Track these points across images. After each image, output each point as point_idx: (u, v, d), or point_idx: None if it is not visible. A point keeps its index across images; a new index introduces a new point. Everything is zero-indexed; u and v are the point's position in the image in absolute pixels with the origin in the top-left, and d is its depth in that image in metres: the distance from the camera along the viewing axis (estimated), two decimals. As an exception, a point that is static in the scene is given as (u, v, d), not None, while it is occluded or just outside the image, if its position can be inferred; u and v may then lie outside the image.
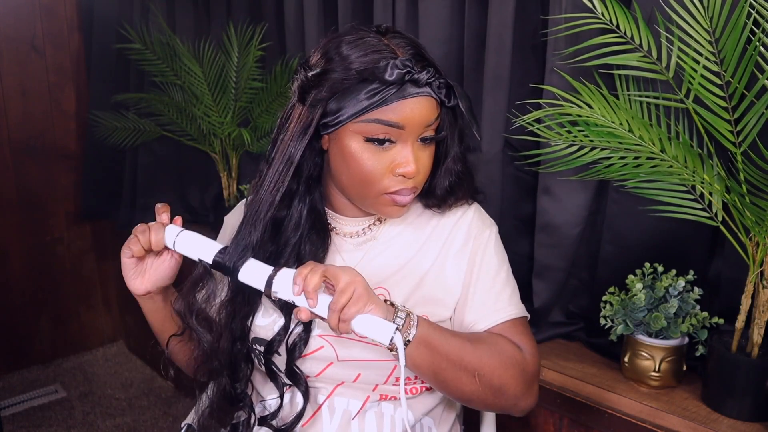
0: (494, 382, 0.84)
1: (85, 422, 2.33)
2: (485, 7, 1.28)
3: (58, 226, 2.68)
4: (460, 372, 0.83)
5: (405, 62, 0.79)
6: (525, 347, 0.90)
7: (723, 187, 1.01)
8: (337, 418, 0.92)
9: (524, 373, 0.87)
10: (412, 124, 0.82)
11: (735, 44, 0.94)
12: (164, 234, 0.88)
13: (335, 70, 0.81)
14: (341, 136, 0.84)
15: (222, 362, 0.91)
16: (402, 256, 0.94)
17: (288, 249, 0.89)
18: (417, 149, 0.84)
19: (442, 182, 0.92)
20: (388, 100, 0.79)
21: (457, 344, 0.83)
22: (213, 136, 2.06)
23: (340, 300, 0.75)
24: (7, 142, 2.48)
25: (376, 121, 0.81)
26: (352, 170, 0.84)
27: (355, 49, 0.81)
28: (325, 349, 0.90)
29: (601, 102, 1.06)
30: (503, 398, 0.87)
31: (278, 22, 1.90)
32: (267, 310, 0.93)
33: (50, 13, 2.51)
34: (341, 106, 0.81)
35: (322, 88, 0.82)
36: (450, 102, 0.84)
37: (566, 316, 1.35)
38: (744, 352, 1.04)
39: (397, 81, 0.79)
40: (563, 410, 1.20)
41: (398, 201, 0.86)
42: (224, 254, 0.84)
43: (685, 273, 1.11)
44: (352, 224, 0.96)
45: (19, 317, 2.62)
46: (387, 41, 0.82)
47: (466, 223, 0.95)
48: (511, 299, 0.94)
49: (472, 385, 0.84)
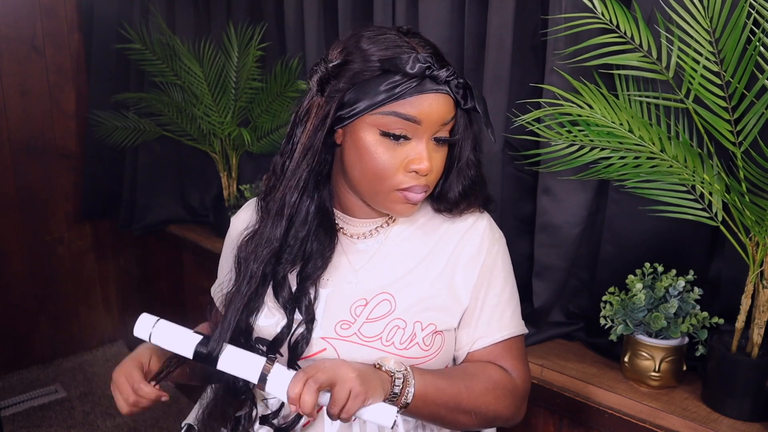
0: (489, 415, 0.89)
1: (85, 422, 2.33)
2: (485, 7, 1.28)
3: (58, 226, 2.68)
4: (457, 414, 0.87)
5: (426, 58, 0.80)
6: (516, 370, 0.93)
7: (723, 187, 1.01)
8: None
9: (515, 398, 0.92)
10: (428, 120, 0.82)
11: (735, 44, 0.94)
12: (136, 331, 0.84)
13: (355, 61, 0.82)
14: (357, 128, 0.84)
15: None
16: (409, 261, 0.93)
17: (297, 245, 0.89)
18: (431, 148, 0.84)
19: (455, 187, 0.92)
20: (407, 93, 0.80)
21: (453, 391, 0.86)
22: (213, 136, 2.06)
23: (338, 404, 0.76)
24: (7, 142, 2.48)
25: (393, 113, 0.81)
26: (366, 164, 0.84)
27: (376, 43, 0.82)
28: (327, 352, 0.89)
29: (601, 102, 1.06)
30: (497, 423, 0.93)
31: (278, 22, 1.90)
32: (270, 311, 0.92)
33: (50, 13, 2.51)
34: (359, 98, 0.81)
35: (341, 80, 0.82)
36: (467, 104, 0.84)
37: (566, 316, 1.35)
38: (744, 352, 1.04)
39: (418, 74, 0.79)
40: (563, 410, 1.20)
41: (410, 198, 0.85)
42: (205, 345, 0.81)
43: (685, 273, 1.11)
44: (361, 226, 0.95)
45: (19, 317, 2.62)
46: (407, 39, 0.83)
47: (478, 234, 0.94)
48: (513, 316, 0.95)
49: (470, 422, 0.89)
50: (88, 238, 2.78)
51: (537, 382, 1.24)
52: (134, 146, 2.35)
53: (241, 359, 0.81)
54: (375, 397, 0.78)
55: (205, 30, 2.14)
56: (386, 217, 0.95)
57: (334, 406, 0.76)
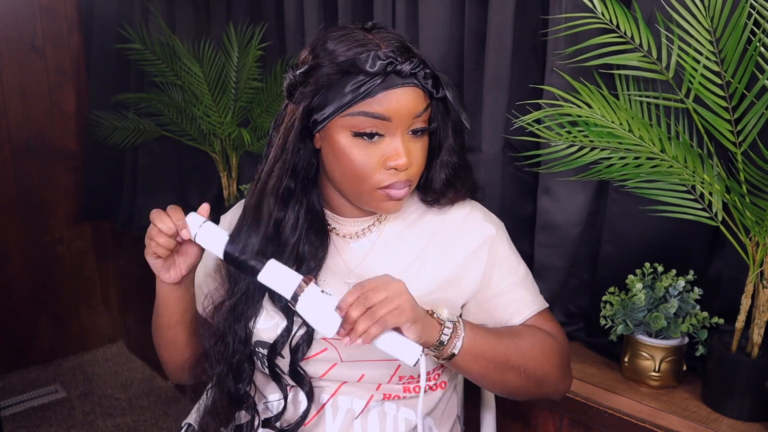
0: (538, 374, 0.88)
1: (85, 422, 2.33)
2: (485, 7, 1.28)
3: (58, 226, 2.68)
4: (506, 372, 0.86)
5: (388, 53, 0.78)
6: (557, 334, 0.94)
7: (723, 187, 1.01)
8: (341, 418, 0.91)
9: (562, 357, 0.91)
10: (398, 116, 0.81)
11: (735, 44, 0.94)
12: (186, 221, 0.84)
13: (321, 65, 0.81)
14: (330, 132, 0.83)
15: (225, 364, 0.91)
16: (404, 258, 0.93)
17: (288, 249, 0.89)
18: (408, 141, 0.84)
19: (439, 175, 0.91)
20: (373, 92, 0.79)
21: (502, 347, 0.85)
22: (213, 136, 2.06)
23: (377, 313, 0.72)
24: (7, 142, 2.48)
25: (361, 113, 0.80)
26: (344, 167, 0.84)
27: (341, 43, 0.81)
28: (328, 351, 0.89)
29: (601, 102, 1.06)
30: (546, 386, 0.91)
31: (278, 22, 1.90)
32: (269, 313, 0.92)
33: (50, 13, 2.51)
34: (327, 101, 0.81)
35: (308, 85, 0.82)
36: (438, 93, 0.83)
37: (566, 316, 1.35)
38: (744, 352, 1.04)
39: (380, 72, 0.78)
40: (563, 410, 1.20)
41: (392, 195, 0.85)
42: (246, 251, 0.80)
43: (685, 273, 1.11)
44: (352, 225, 0.95)
45: (19, 317, 2.62)
46: (372, 36, 0.82)
47: (476, 224, 0.94)
48: (536, 292, 0.97)
49: (518, 380, 0.87)
50: (88, 238, 2.78)
51: (537, 382, 1.24)
52: (134, 146, 2.34)
53: (280, 274, 0.79)
54: (415, 327, 0.75)
55: (205, 30, 2.14)
56: (376, 216, 0.95)
57: (373, 313, 0.72)
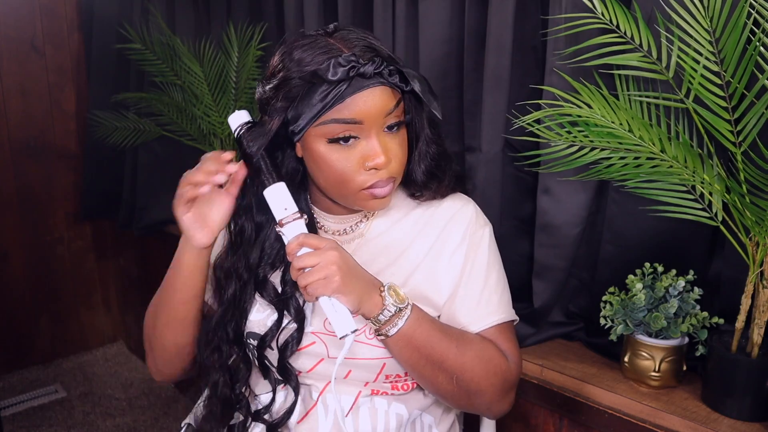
0: (471, 387, 0.87)
1: (85, 422, 2.34)
2: (485, 7, 1.28)
3: (58, 226, 2.68)
4: (437, 372, 0.85)
5: (348, 58, 0.78)
6: (510, 355, 0.92)
7: (723, 187, 1.01)
8: (332, 415, 0.92)
9: (505, 382, 0.89)
10: (369, 117, 0.81)
11: (735, 44, 0.94)
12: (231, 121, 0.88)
13: (288, 78, 0.82)
14: (308, 142, 0.85)
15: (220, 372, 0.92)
16: (391, 252, 0.94)
17: (274, 251, 0.92)
18: (385, 139, 0.84)
19: (419, 167, 0.92)
20: (340, 97, 0.79)
21: (443, 347, 0.84)
22: (213, 136, 2.06)
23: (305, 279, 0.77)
24: (7, 142, 2.48)
25: (333, 121, 0.81)
26: (326, 173, 0.85)
27: (306, 53, 0.81)
28: (316, 345, 0.90)
29: (601, 102, 1.06)
30: (477, 401, 0.89)
31: (278, 22, 1.90)
32: (261, 306, 0.93)
33: (50, 13, 2.51)
34: (299, 113, 0.82)
35: (278, 99, 0.83)
36: (407, 87, 0.83)
37: (566, 316, 1.35)
38: (744, 352, 1.04)
39: (343, 78, 0.78)
40: (563, 410, 1.20)
41: (377, 194, 0.85)
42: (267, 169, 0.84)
43: (685, 273, 1.11)
44: (339, 222, 0.96)
45: (19, 317, 2.63)
46: (334, 41, 0.82)
47: (462, 222, 0.94)
48: (501, 302, 0.94)
49: (449, 385, 0.86)
50: (88, 238, 2.78)
51: (537, 382, 1.24)
52: (134, 146, 2.34)
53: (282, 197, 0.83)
54: (349, 299, 0.78)
55: (205, 30, 2.14)
56: (363, 212, 0.96)
57: (302, 278, 0.78)
